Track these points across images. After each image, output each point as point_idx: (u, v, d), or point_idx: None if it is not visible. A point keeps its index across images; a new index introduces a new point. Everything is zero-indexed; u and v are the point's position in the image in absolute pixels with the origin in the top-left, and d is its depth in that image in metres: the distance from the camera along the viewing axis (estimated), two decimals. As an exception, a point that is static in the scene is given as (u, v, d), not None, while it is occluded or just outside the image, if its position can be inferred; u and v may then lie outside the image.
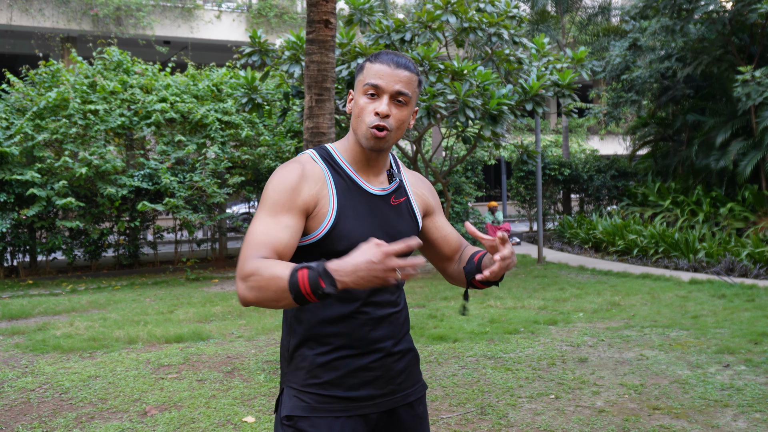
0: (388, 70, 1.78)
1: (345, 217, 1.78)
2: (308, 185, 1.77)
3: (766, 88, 10.94)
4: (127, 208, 11.45)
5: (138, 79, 11.82)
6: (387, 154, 1.90)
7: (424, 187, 2.03)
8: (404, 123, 1.82)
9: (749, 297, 8.33)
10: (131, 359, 5.92)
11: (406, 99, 1.79)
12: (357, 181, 1.84)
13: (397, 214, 1.88)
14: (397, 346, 1.87)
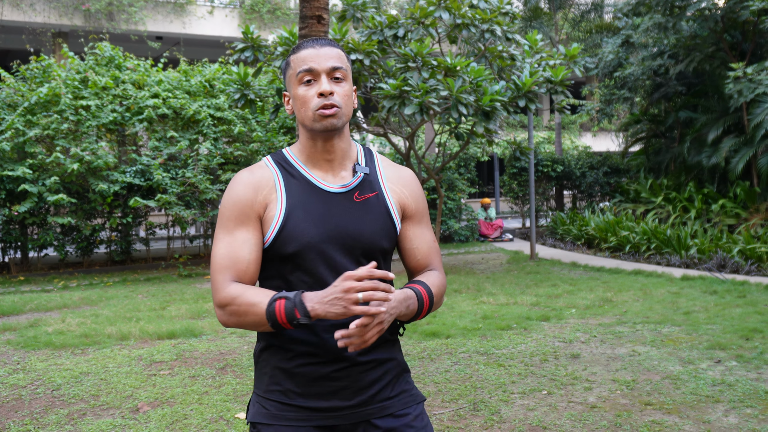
0: (315, 51, 1.74)
1: (294, 218, 1.72)
2: (256, 192, 1.76)
3: (757, 85, 10.98)
4: (119, 204, 11.42)
5: (130, 75, 11.78)
6: (346, 144, 1.81)
7: (406, 186, 1.86)
8: (349, 98, 1.77)
9: (741, 293, 8.37)
10: (123, 355, 5.90)
11: (342, 73, 1.75)
12: (311, 179, 1.77)
13: (363, 212, 1.75)
14: (365, 356, 1.74)
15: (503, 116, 9.16)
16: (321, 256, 1.71)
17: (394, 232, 1.80)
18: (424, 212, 1.89)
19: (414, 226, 1.86)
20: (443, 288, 1.84)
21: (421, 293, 1.73)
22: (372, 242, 1.75)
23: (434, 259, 1.88)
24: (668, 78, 15.08)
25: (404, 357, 1.99)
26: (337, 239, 1.72)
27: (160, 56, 16.81)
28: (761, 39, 13.72)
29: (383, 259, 1.80)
